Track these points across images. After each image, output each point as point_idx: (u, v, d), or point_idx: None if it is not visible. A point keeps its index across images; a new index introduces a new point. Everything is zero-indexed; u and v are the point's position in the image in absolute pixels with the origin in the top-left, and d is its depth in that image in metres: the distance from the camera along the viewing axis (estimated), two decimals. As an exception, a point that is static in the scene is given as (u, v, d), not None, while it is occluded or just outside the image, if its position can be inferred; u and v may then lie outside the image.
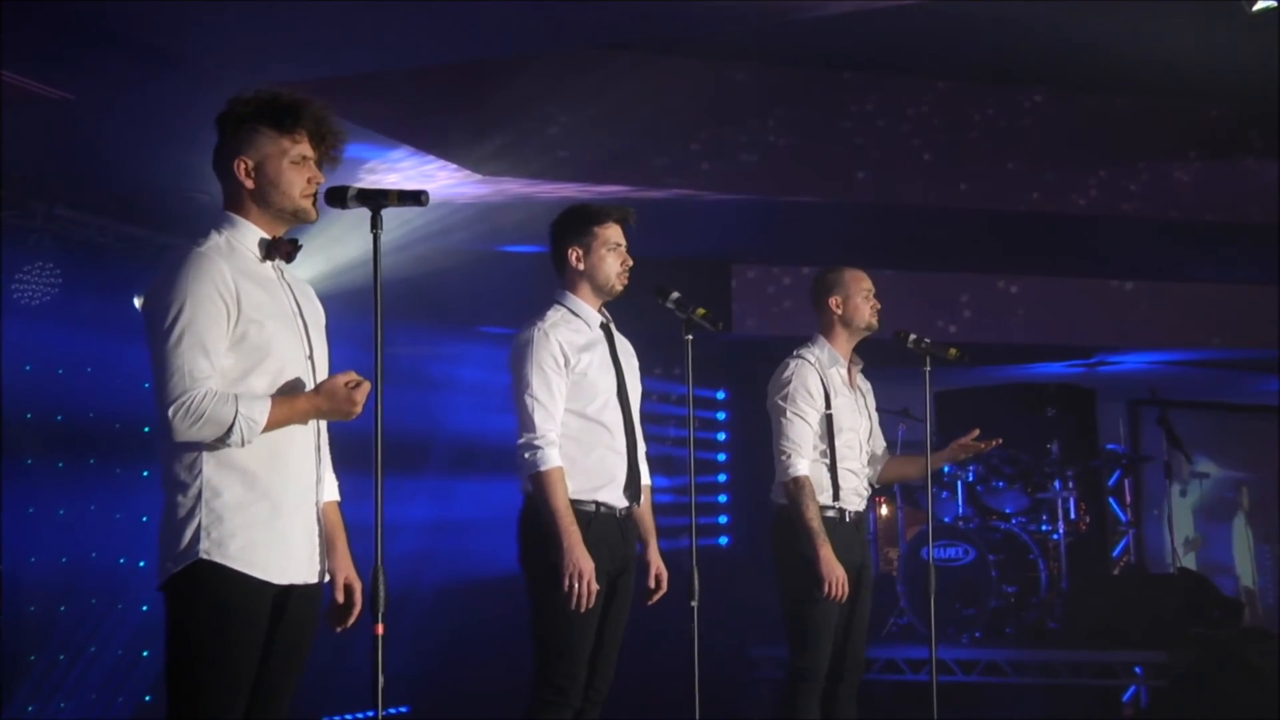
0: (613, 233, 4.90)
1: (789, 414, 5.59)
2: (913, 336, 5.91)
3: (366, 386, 3.47)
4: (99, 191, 7.33)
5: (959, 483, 10.46)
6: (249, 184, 3.55)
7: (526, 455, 4.70)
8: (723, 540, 11.45)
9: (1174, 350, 11.40)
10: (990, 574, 9.71)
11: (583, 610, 4.64)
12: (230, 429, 3.36)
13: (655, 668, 7.33)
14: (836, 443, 5.63)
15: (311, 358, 3.62)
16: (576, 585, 4.62)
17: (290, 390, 3.49)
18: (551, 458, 4.69)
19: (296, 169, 3.56)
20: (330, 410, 3.49)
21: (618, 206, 4.96)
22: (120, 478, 7.41)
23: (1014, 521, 10.43)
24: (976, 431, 5.82)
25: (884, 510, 11.10)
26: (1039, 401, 11.77)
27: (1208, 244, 9.54)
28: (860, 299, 5.72)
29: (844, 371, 5.75)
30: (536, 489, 4.71)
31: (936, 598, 6.03)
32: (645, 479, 5.01)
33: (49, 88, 6.01)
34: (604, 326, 4.94)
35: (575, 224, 4.91)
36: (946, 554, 9.79)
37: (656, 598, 4.98)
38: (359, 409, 3.47)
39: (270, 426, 3.41)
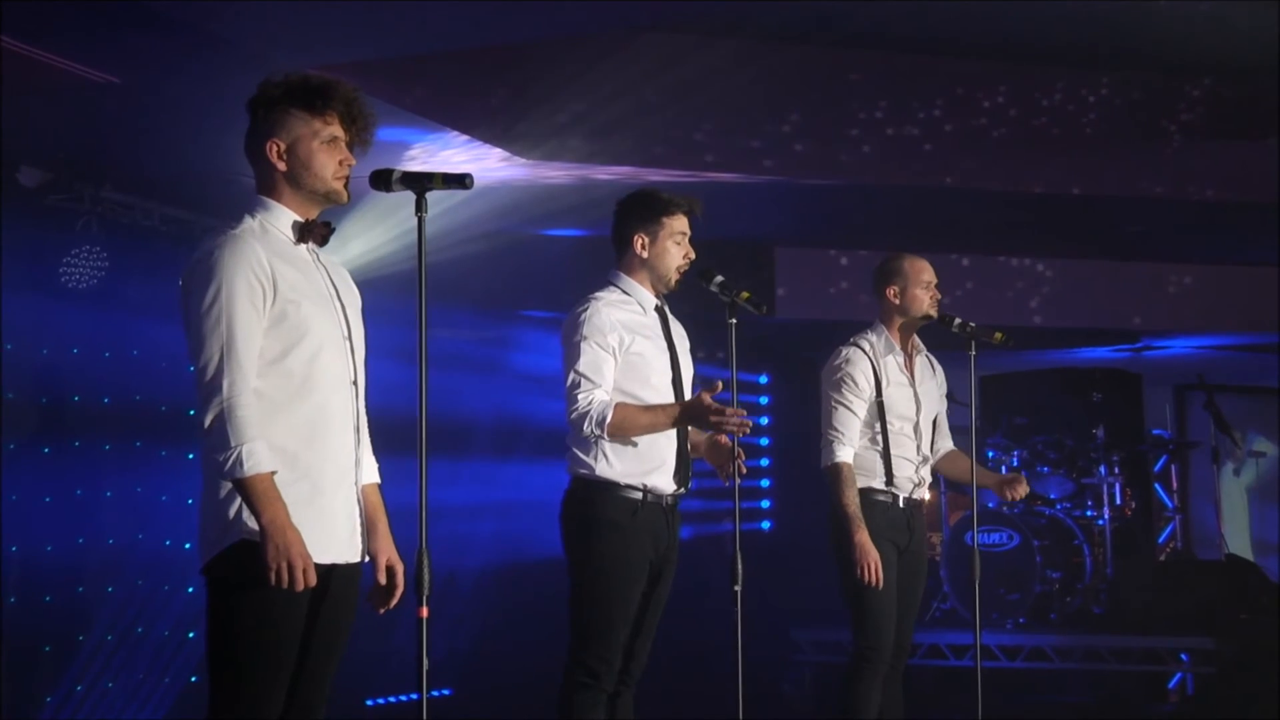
0: (680, 223, 4.89)
1: (834, 401, 5.61)
2: (958, 320, 5.88)
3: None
4: (145, 175, 7.37)
5: (1004, 467, 10.40)
6: (281, 166, 3.55)
7: (586, 428, 4.68)
8: (765, 525, 11.44)
9: (1221, 335, 11.30)
10: (1035, 559, 9.66)
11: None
12: (230, 449, 3.32)
13: (699, 651, 7.34)
14: (889, 430, 5.63)
15: (349, 338, 3.62)
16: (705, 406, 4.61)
17: (274, 495, 3.36)
18: (608, 412, 4.66)
19: (328, 150, 3.55)
20: (272, 522, 3.34)
21: (686, 197, 4.95)
22: (166, 460, 7.45)
23: (1059, 507, 10.38)
24: (1024, 483, 5.82)
25: (927, 495, 11.06)
26: (1085, 386, 11.69)
27: (1254, 226, 9.44)
28: (919, 289, 5.70)
29: (901, 359, 5.73)
30: (615, 435, 4.68)
31: (981, 583, 6.01)
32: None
33: (96, 72, 6.05)
34: (658, 309, 4.94)
35: (644, 210, 4.90)
36: (991, 539, 9.76)
37: None
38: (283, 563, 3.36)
39: (252, 489, 3.32)
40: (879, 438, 5.64)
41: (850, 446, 5.58)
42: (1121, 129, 8.75)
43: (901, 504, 5.68)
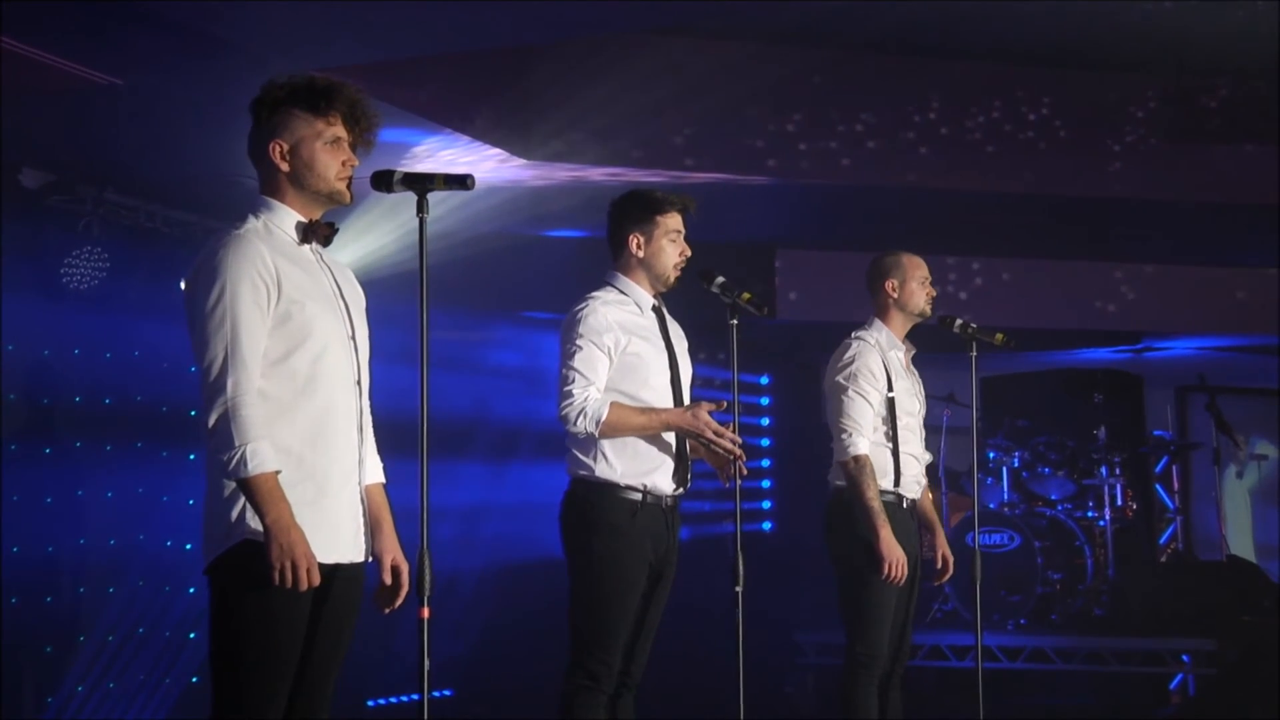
0: (674, 221, 4.89)
1: (850, 392, 5.53)
2: (959, 321, 5.87)
3: None
4: (147, 176, 7.37)
5: (1005, 468, 10.40)
6: (284, 167, 3.56)
7: (580, 424, 4.68)
8: (766, 526, 11.44)
9: (1223, 336, 11.30)
10: (1036, 560, 9.66)
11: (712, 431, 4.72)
12: (234, 448, 3.32)
13: (700, 653, 7.33)
14: (898, 426, 5.59)
15: (354, 338, 3.62)
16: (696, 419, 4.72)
17: (280, 495, 3.35)
18: (601, 411, 4.67)
19: (331, 151, 3.56)
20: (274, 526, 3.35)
21: (680, 195, 4.94)
22: (167, 461, 7.45)
23: (1060, 508, 10.38)
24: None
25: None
26: (1086, 387, 11.68)
27: (1256, 228, 9.45)
28: (916, 285, 5.68)
29: (901, 355, 5.72)
30: (606, 434, 4.70)
31: (982, 584, 6.00)
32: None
33: (98, 73, 6.05)
34: (656, 309, 4.94)
35: (638, 210, 4.89)
36: (992, 540, 9.76)
37: None
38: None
39: (257, 489, 3.32)
40: (889, 434, 5.58)
41: (867, 439, 5.49)
42: (1125, 132, 8.76)
43: (905, 505, 5.65)
